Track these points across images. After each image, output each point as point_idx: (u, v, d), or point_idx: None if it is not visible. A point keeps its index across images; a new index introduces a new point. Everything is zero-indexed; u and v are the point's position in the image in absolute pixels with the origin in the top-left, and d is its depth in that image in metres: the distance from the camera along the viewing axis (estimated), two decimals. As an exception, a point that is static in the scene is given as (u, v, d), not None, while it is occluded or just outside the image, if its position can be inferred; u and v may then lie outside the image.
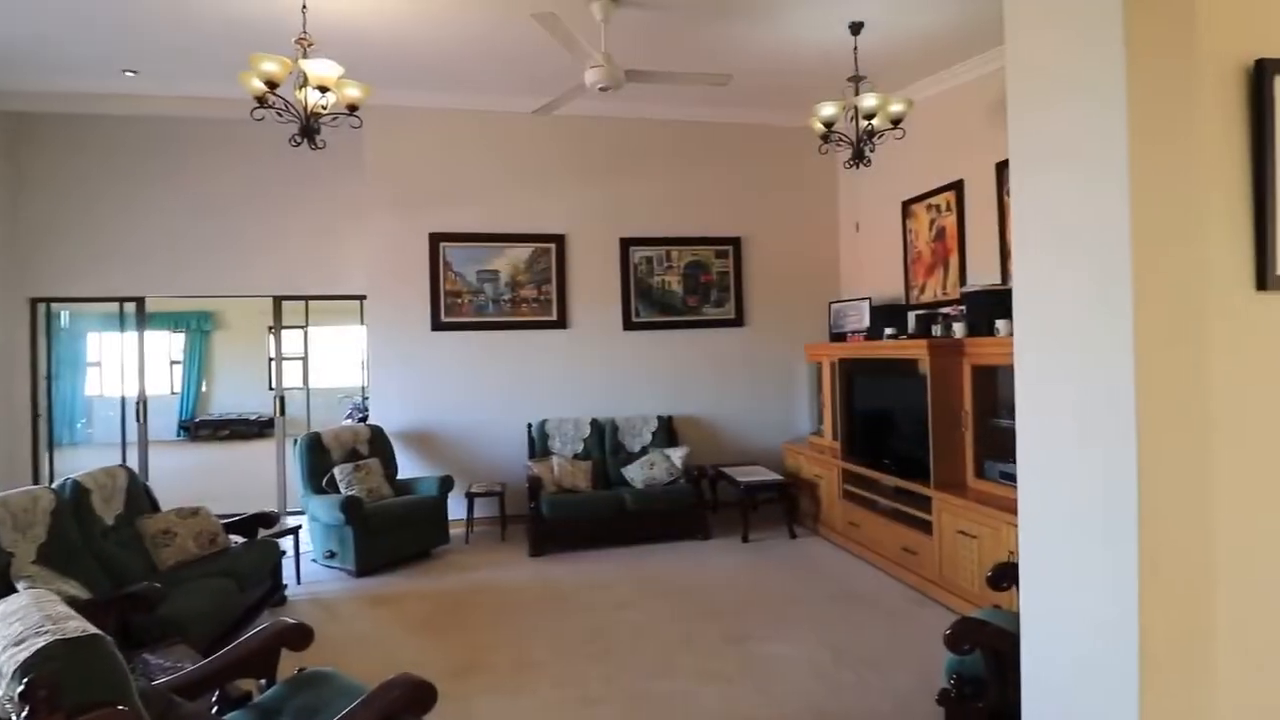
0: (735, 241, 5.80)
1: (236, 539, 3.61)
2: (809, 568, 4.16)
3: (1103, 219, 1.14)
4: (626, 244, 5.58)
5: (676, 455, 4.97)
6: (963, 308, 3.99)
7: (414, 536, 4.39)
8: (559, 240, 5.43)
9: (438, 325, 5.21)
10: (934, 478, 3.61)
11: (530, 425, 5.18)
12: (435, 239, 5.22)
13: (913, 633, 3.15)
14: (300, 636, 2.08)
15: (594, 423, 5.22)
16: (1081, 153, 1.19)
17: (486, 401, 5.26)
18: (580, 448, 5.10)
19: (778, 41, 4.28)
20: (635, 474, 4.90)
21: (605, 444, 5.17)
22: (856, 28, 4.03)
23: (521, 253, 5.38)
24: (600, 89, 3.65)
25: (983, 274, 4.36)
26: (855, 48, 4.10)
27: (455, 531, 4.82)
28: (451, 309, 5.25)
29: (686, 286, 5.73)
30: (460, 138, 5.26)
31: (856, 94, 3.91)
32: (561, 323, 5.42)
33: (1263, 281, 1.23)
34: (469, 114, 5.24)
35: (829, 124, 3.92)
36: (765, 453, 5.64)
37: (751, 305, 5.84)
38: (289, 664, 2.02)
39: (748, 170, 5.82)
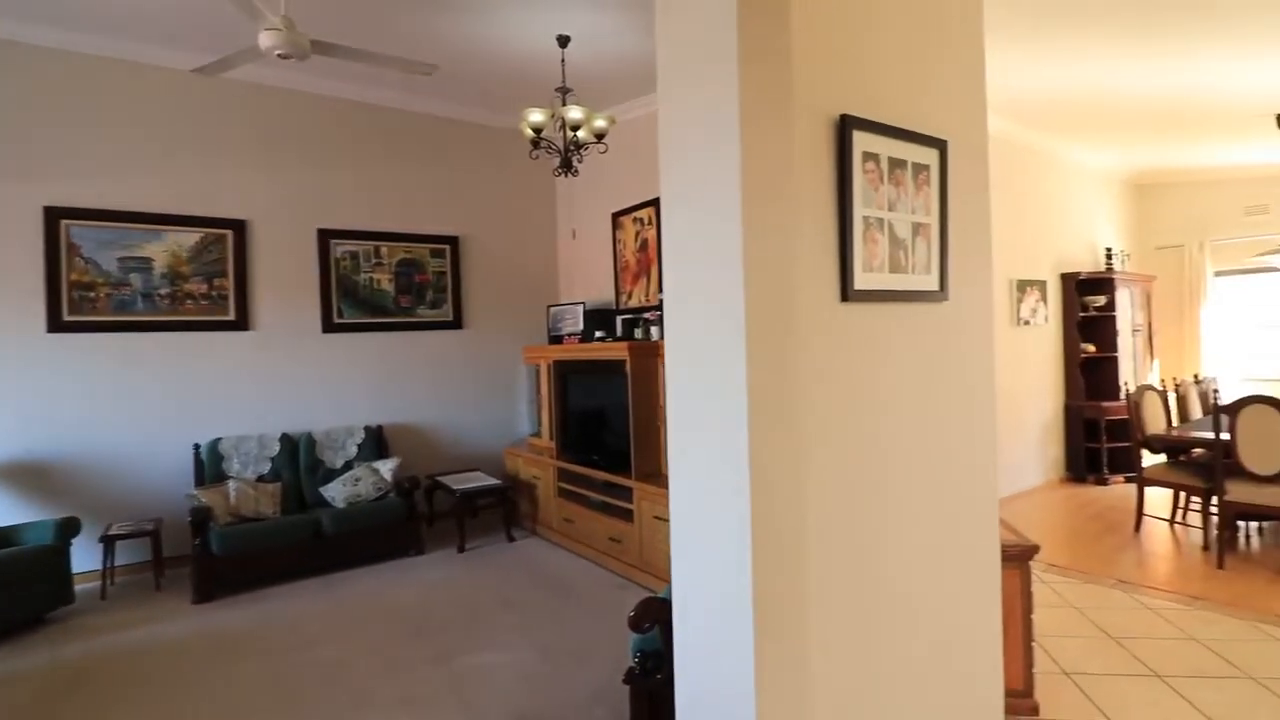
0: (453, 241, 5.60)
1: None
2: (525, 570, 4.17)
3: (721, 242, 1.29)
4: (327, 236, 5.02)
5: (386, 467, 4.60)
6: (659, 313, 4.37)
7: (14, 600, 3.33)
8: (239, 227, 4.65)
9: (58, 325, 4.07)
10: (635, 469, 3.89)
11: (198, 446, 4.34)
12: (54, 215, 4.08)
13: (616, 619, 3.34)
14: None
15: (285, 438, 4.57)
16: (707, 186, 1.33)
17: (134, 420, 4.26)
18: (267, 468, 4.43)
19: (488, 41, 4.22)
20: (337, 492, 4.41)
21: (300, 461, 4.56)
22: (564, 40, 4.16)
23: (186, 239, 4.49)
24: (279, 55, 3.19)
25: (678, 283, 4.83)
26: (563, 60, 4.23)
27: (87, 586, 3.83)
28: (80, 305, 4.16)
29: (399, 285, 5.36)
30: (97, 90, 4.19)
31: (564, 104, 4.03)
32: (242, 323, 4.65)
33: (845, 295, 1.52)
34: (111, 62, 4.20)
35: (537, 130, 3.97)
36: (487, 457, 5.54)
37: (471, 307, 5.69)
38: None
39: (467, 169, 5.66)
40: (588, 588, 3.81)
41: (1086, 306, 6.36)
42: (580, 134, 4.04)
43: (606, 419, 4.43)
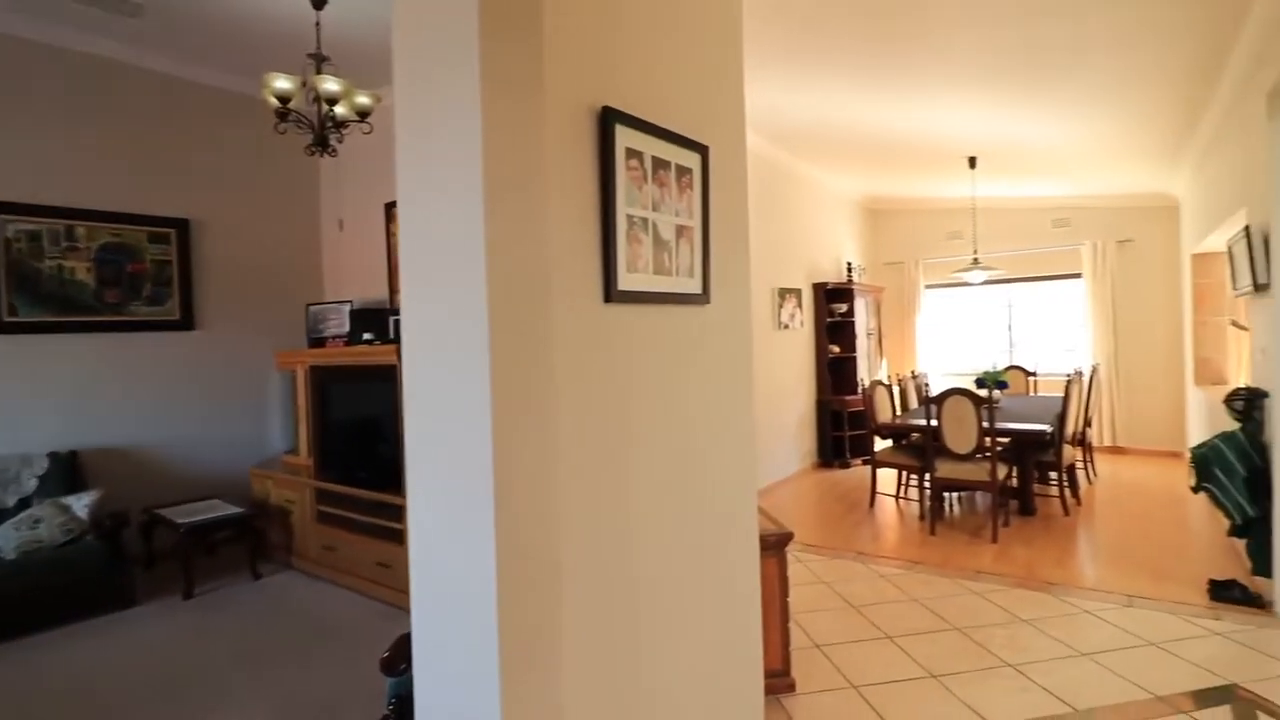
0: (181, 224, 4.69)
1: None
2: (273, 611, 3.59)
3: (462, 237, 1.14)
4: (-11, 210, 3.90)
5: (81, 503, 3.68)
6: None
7: None
8: None
9: None
10: (407, 486, 3.54)
11: None
12: None
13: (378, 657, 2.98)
14: None
15: (-82, 473, 3.45)
16: (446, 176, 1.17)
17: None
18: (-115, 515, 3.30)
19: (219, -11, 3.58)
20: (4, 539, 3.42)
21: (-56, 503, 3.47)
22: (319, 1, 3.67)
23: None
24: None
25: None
26: (318, 23, 3.72)
27: None
28: None
29: (103, 276, 4.35)
30: None
31: (318, 73, 3.55)
32: None
33: (609, 295, 1.44)
34: None
35: (284, 99, 3.45)
36: (229, 482, 4.72)
37: (206, 304, 4.82)
38: None
39: (202, 140, 4.78)
40: (349, 624, 3.38)
41: (833, 313, 7.24)
42: (339, 110, 3.58)
43: (375, 431, 4.00)
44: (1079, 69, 3.97)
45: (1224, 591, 3.31)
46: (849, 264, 7.76)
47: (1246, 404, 3.38)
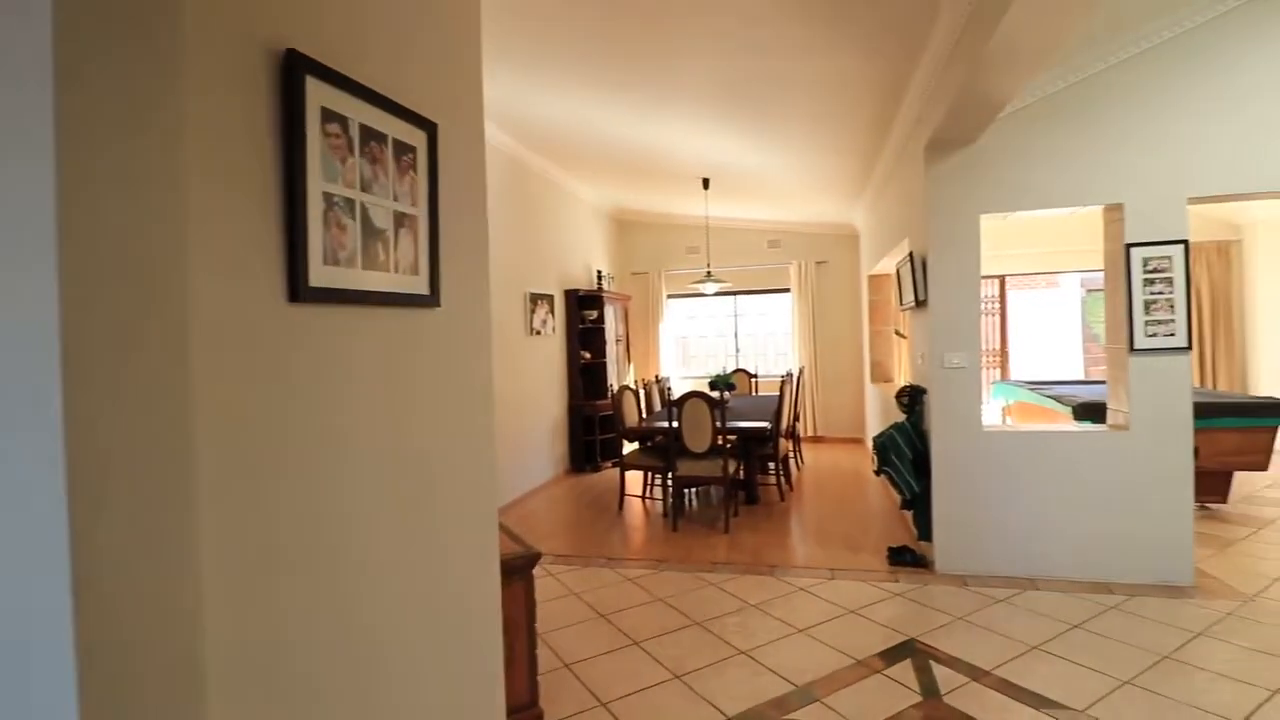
0: None
1: None
2: None
3: (20, 206, 0.75)
4: None
5: None
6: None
7: None
8: None
9: None
10: None
11: None
12: None
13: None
14: None
15: None
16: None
17: None
18: None
19: None
20: None
21: None
22: None
23: None
24: None
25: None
26: None
27: None
28: None
29: None
30: None
31: None
32: None
33: (296, 293, 1.13)
34: None
35: None
36: None
37: None
38: None
39: None
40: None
41: (585, 319, 7.33)
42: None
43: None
44: (785, 109, 4.49)
45: (899, 557, 3.96)
46: (599, 272, 7.94)
47: (911, 399, 4.10)
